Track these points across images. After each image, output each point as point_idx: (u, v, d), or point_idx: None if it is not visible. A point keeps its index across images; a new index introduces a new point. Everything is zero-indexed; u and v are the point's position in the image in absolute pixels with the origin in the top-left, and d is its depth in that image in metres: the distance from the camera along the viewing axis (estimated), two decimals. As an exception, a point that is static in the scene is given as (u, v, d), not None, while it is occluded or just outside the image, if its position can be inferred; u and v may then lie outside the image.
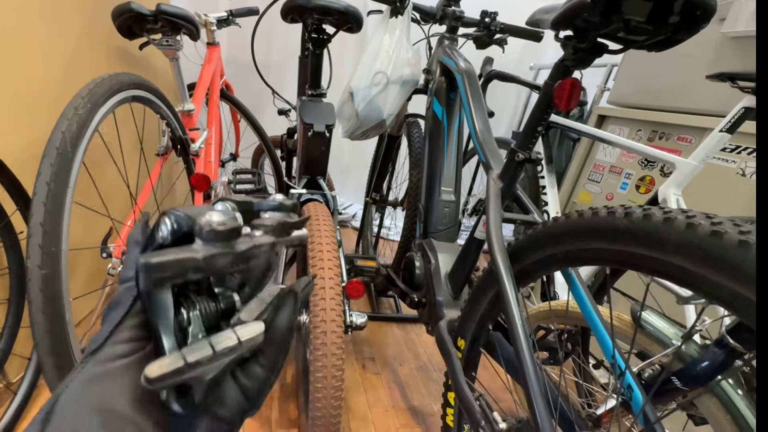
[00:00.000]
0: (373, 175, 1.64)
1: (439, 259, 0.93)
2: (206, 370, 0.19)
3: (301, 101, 1.07)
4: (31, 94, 0.97)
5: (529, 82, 1.39)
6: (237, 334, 0.20)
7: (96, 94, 0.63)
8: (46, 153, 0.54)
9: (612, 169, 1.41)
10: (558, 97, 0.60)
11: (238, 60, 2.02)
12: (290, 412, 1.03)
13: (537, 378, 0.46)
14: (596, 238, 0.47)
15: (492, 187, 0.71)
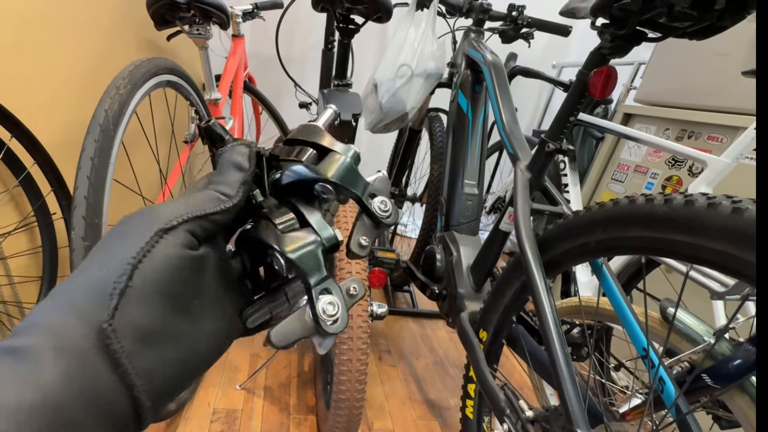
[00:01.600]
0: (392, 170, 1.64)
1: (461, 251, 0.93)
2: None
3: (328, 91, 1.08)
4: (67, 79, 1.00)
5: (553, 79, 1.37)
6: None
7: (135, 76, 0.65)
8: (90, 129, 0.56)
9: (637, 168, 1.38)
10: (593, 86, 0.59)
11: (260, 54, 2.05)
12: (308, 398, 1.05)
13: (567, 364, 0.46)
14: (633, 226, 0.47)
15: (520, 177, 0.71)
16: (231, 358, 1.13)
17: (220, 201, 0.21)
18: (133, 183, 0.86)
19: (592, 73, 0.60)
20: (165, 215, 0.19)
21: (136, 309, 0.16)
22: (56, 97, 0.98)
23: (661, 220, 0.43)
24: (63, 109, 1.00)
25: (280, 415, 0.98)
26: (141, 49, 1.31)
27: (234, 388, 1.03)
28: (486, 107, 1.07)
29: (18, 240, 0.93)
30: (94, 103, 0.58)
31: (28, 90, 0.90)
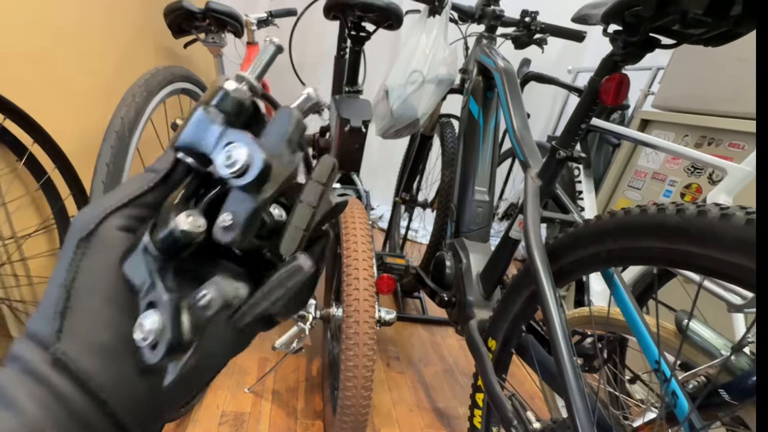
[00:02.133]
0: (403, 175, 1.65)
1: (470, 258, 0.92)
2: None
3: (339, 97, 1.09)
4: (87, 86, 1.03)
5: (568, 84, 1.36)
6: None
7: (151, 84, 0.67)
8: (107, 136, 0.58)
9: (655, 175, 1.35)
10: (605, 92, 0.58)
11: (274, 61, 2.08)
12: (315, 403, 1.05)
13: (576, 375, 0.45)
14: (644, 236, 0.46)
15: (530, 185, 0.70)
16: (240, 361, 1.14)
17: (146, 180, 0.19)
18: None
19: (603, 80, 0.59)
20: (84, 220, 0.18)
21: (83, 327, 0.16)
22: (77, 104, 1.01)
23: (673, 231, 0.42)
24: (83, 115, 1.03)
25: (288, 420, 0.98)
26: (159, 57, 1.35)
27: (243, 391, 1.04)
28: (497, 113, 1.06)
29: (38, 242, 0.96)
30: (113, 110, 0.60)
31: (50, 97, 0.93)
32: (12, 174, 0.88)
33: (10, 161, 0.87)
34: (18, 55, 0.85)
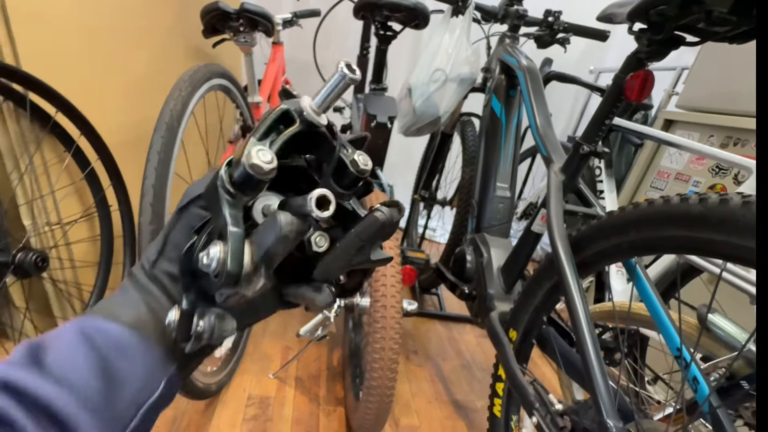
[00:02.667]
0: (423, 173, 1.67)
1: (492, 252, 0.94)
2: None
3: (365, 94, 1.12)
4: (125, 84, 1.10)
5: (590, 84, 1.36)
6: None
7: (195, 79, 0.72)
8: (158, 127, 0.63)
9: (678, 176, 1.34)
10: (629, 89, 0.60)
11: (297, 59, 2.13)
12: (337, 391, 1.08)
13: (597, 355, 0.46)
14: (667, 226, 0.47)
15: (553, 179, 0.72)
16: (264, 348, 1.19)
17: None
18: (187, 176, 0.94)
19: (628, 77, 0.61)
20: (186, 195, 0.26)
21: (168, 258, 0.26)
22: (116, 100, 1.07)
23: (696, 219, 0.43)
24: (121, 110, 1.09)
25: (310, 405, 1.02)
26: (188, 56, 1.41)
27: (267, 377, 1.08)
28: (520, 111, 1.08)
29: (80, 228, 1.02)
30: (148, 106, 0.65)
31: (94, 93, 0.99)
32: (60, 164, 0.94)
33: (58, 152, 0.94)
34: (68, 54, 0.91)
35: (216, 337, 0.23)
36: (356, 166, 0.25)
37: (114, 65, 1.05)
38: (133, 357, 0.22)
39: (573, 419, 0.50)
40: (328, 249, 0.25)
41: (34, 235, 0.91)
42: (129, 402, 0.22)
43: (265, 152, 0.21)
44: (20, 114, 0.84)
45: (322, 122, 0.23)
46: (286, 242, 0.21)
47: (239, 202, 0.22)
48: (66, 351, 0.21)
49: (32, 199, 0.89)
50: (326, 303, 0.26)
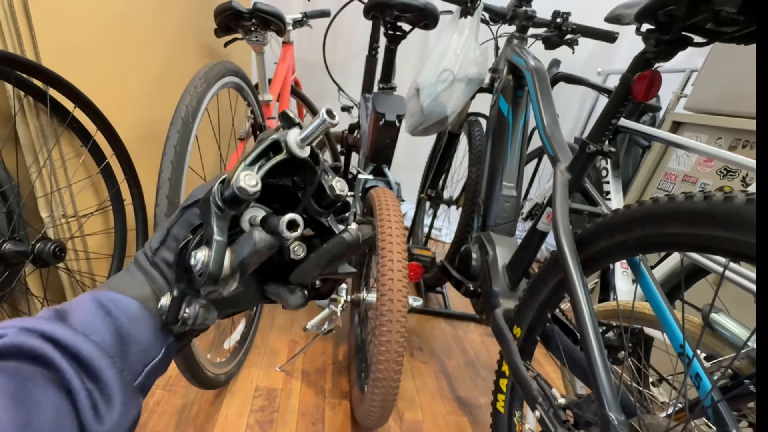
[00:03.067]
0: (429, 173, 1.68)
1: (497, 250, 0.95)
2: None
3: (374, 93, 1.14)
4: (139, 81, 1.12)
5: (598, 85, 1.36)
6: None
7: (210, 76, 0.73)
8: (174, 122, 0.65)
9: (686, 178, 1.34)
10: (636, 89, 0.61)
11: (306, 60, 2.15)
12: (342, 385, 1.10)
13: (600, 349, 0.47)
14: (672, 223, 0.48)
15: (559, 178, 0.72)
16: (271, 341, 1.20)
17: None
18: (200, 170, 0.96)
19: (635, 77, 0.62)
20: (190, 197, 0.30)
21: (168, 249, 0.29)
22: (131, 96, 1.10)
23: (700, 217, 0.44)
24: (136, 107, 1.12)
25: (316, 398, 1.04)
26: (201, 55, 1.43)
27: (274, 370, 1.10)
28: (527, 112, 1.08)
29: (95, 221, 1.05)
30: (162, 103, 0.67)
31: (111, 90, 1.02)
32: (77, 158, 0.97)
33: (76, 146, 0.96)
34: (87, 52, 0.93)
35: (199, 324, 0.27)
36: (333, 191, 0.29)
37: (130, 63, 1.07)
38: (139, 324, 0.26)
39: (575, 413, 0.51)
40: (304, 257, 0.29)
41: (51, 227, 0.93)
42: (138, 359, 0.26)
43: (251, 177, 0.25)
44: (40, 109, 0.86)
45: (302, 155, 0.28)
46: (258, 255, 0.26)
47: (227, 215, 0.26)
48: (86, 314, 0.24)
49: (50, 192, 0.92)
50: (298, 304, 0.30)
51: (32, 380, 0.20)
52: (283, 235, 0.25)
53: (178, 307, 0.27)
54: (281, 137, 0.27)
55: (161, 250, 0.29)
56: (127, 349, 0.25)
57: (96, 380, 0.22)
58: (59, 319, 0.24)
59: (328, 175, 0.29)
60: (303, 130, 0.28)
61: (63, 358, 0.21)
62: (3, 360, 0.20)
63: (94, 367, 0.22)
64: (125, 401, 0.23)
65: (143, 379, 0.26)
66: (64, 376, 0.21)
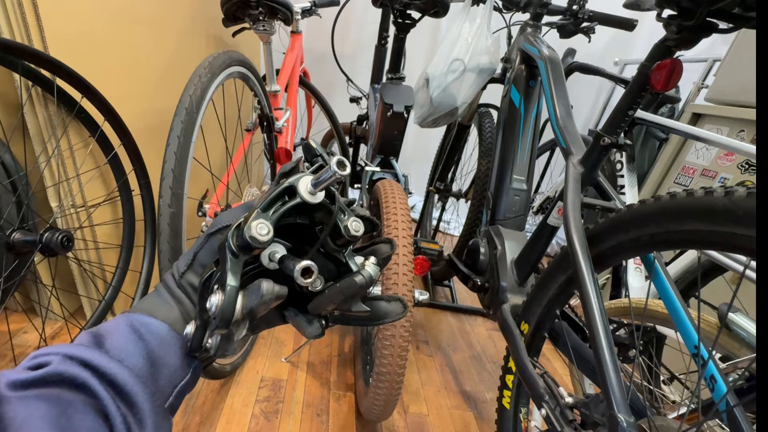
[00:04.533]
0: (438, 165, 1.66)
1: (506, 245, 0.93)
2: None
3: (382, 83, 1.12)
4: (147, 71, 1.12)
5: (614, 75, 1.32)
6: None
7: (214, 66, 0.72)
8: (178, 112, 0.64)
9: (704, 172, 1.29)
10: (655, 79, 0.58)
11: (314, 50, 2.13)
12: (347, 377, 1.10)
13: (610, 349, 0.46)
14: (689, 219, 0.46)
15: (571, 171, 0.70)
16: (277, 333, 1.21)
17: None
18: (205, 161, 0.96)
19: (655, 66, 0.59)
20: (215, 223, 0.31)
21: (194, 273, 0.30)
22: (139, 87, 1.10)
23: (720, 213, 0.42)
24: (144, 97, 1.12)
25: (321, 389, 1.04)
26: (209, 45, 1.42)
27: (280, 361, 1.11)
28: (539, 103, 1.05)
29: (103, 211, 1.06)
30: (170, 93, 0.66)
31: (118, 81, 1.02)
32: (85, 149, 0.97)
33: (83, 136, 0.96)
34: (94, 41, 0.93)
35: (219, 354, 0.28)
36: (348, 232, 0.30)
37: (137, 53, 1.07)
38: (169, 347, 0.28)
39: (583, 412, 0.50)
40: (322, 289, 0.30)
41: (60, 216, 0.94)
42: (167, 382, 0.27)
43: (263, 226, 0.26)
44: (48, 99, 0.86)
45: (314, 201, 0.29)
46: (266, 304, 0.27)
47: (240, 260, 0.27)
48: (120, 339, 0.26)
49: (59, 182, 0.93)
50: (315, 335, 0.31)
51: (73, 406, 0.22)
52: (297, 282, 0.27)
53: (201, 336, 0.28)
54: (295, 182, 0.29)
55: (188, 274, 0.30)
56: (158, 373, 0.27)
57: (130, 405, 0.24)
58: (97, 344, 0.26)
59: (344, 214, 0.31)
60: (317, 178, 0.29)
61: (101, 385, 0.23)
62: (47, 387, 0.22)
63: (128, 393, 0.24)
64: (156, 424, 0.25)
65: (173, 401, 0.28)
66: (101, 402, 0.23)
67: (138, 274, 1.13)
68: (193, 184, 0.70)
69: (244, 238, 0.26)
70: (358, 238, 0.31)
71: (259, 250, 0.27)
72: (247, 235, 0.26)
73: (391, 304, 0.33)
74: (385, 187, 0.89)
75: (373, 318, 0.33)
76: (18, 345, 0.99)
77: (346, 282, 0.29)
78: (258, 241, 0.26)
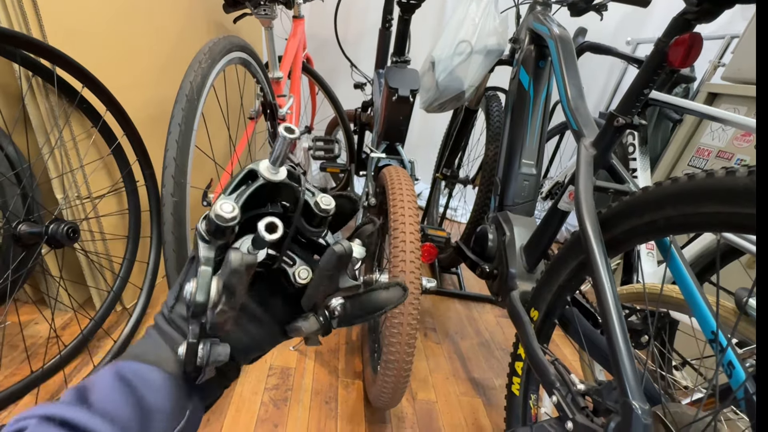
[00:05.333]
0: (445, 151, 1.63)
1: (515, 231, 0.92)
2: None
3: (387, 67, 1.09)
4: (149, 61, 1.10)
5: (627, 54, 1.27)
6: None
7: (215, 51, 0.71)
8: (178, 99, 0.63)
9: (720, 154, 1.25)
10: (674, 54, 0.55)
11: (317, 36, 2.10)
12: (355, 365, 1.10)
13: (624, 335, 0.44)
14: (708, 201, 0.44)
15: (583, 154, 0.68)
16: (286, 322, 1.21)
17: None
18: (209, 150, 0.95)
19: (672, 41, 0.56)
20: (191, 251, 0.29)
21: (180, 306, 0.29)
22: (140, 77, 1.08)
23: (742, 194, 0.40)
24: (146, 87, 1.11)
25: (330, 377, 1.04)
26: (210, 33, 1.40)
27: (288, 349, 1.11)
28: (549, 84, 1.02)
29: (109, 202, 1.06)
30: (172, 82, 0.64)
31: (120, 70, 1.00)
32: (88, 139, 0.97)
33: (86, 127, 0.96)
34: (93, 31, 0.92)
35: (211, 361, 0.27)
36: (319, 207, 0.29)
37: (138, 42, 1.05)
38: (161, 391, 0.26)
39: (595, 399, 0.49)
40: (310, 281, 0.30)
41: (65, 208, 0.94)
42: (162, 428, 0.26)
43: (226, 204, 0.25)
44: (49, 89, 0.85)
45: (277, 179, 0.28)
46: (238, 275, 0.25)
47: (213, 245, 0.27)
48: (106, 390, 0.25)
49: (63, 173, 0.92)
50: (311, 330, 0.30)
51: None
52: (266, 239, 0.26)
53: (194, 352, 0.27)
54: (254, 165, 0.29)
55: (177, 306, 0.29)
56: (149, 422, 0.25)
57: None
58: (80, 400, 0.24)
59: (312, 193, 0.30)
60: (271, 154, 0.28)
61: None
62: None
63: None
64: None
65: None
66: None
67: (145, 265, 1.13)
68: (198, 173, 0.69)
69: (210, 219, 0.25)
70: (330, 213, 0.30)
71: (230, 230, 0.26)
72: (212, 215, 0.25)
73: (390, 290, 0.32)
74: (391, 173, 0.87)
75: (373, 308, 0.32)
76: (30, 336, 1.00)
77: (324, 256, 0.28)
78: (223, 219, 0.25)
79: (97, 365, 0.93)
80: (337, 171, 1.75)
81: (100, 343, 1.02)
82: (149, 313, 1.13)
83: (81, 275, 1.05)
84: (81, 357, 0.97)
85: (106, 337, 1.03)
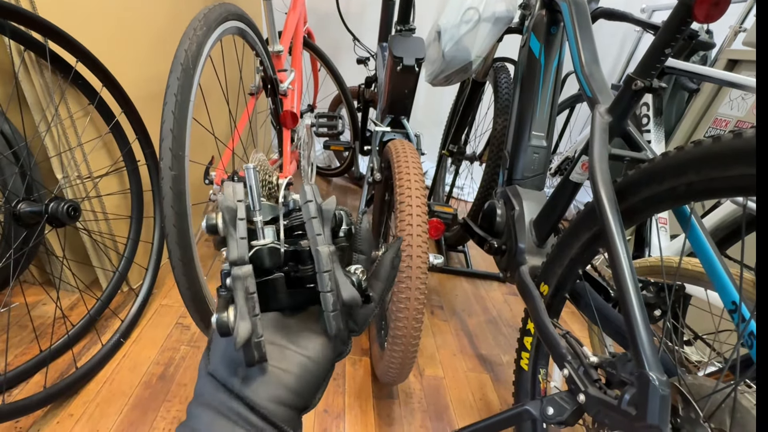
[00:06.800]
0: (451, 126, 1.59)
1: (524, 205, 0.89)
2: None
3: (392, 36, 1.04)
4: (145, 36, 1.07)
5: (644, 20, 1.20)
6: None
7: (210, 19, 0.67)
8: (173, 68, 0.60)
9: (739, 124, 1.21)
10: (699, 7, 0.51)
11: (318, 10, 2.03)
12: (362, 342, 1.10)
13: (640, 304, 0.43)
14: (736, 164, 0.41)
15: (598, 121, 0.64)
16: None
17: None
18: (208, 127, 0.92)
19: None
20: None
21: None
22: (137, 52, 1.05)
23: (776, 154, 0.37)
24: (143, 63, 1.07)
25: (337, 354, 1.04)
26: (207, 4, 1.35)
27: (295, 327, 1.11)
28: (561, 51, 0.97)
29: (110, 182, 1.04)
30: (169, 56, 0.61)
31: (115, 45, 0.97)
32: (85, 117, 0.95)
33: (83, 104, 0.94)
34: (88, 5, 0.88)
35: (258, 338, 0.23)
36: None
37: (133, 16, 1.01)
38: None
39: (609, 372, 0.48)
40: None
41: (66, 187, 0.93)
42: None
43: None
44: (42, 65, 0.83)
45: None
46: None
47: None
48: None
49: (61, 152, 0.91)
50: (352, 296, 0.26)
51: None
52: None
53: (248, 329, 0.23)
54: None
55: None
56: None
57: None
58: None
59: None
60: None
61: None
62: None
63: None
64: None
65: None
66: None
67: (150, 245, 1.13)
68: (200, 150, 0.67)
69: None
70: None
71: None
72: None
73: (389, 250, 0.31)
74: (397, 147, 0.84)
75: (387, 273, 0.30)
76: (37, 316, 1.01)
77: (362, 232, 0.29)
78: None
79: (105, 343, 0.93)
80: (341, 149, 1.72)
81: (108, 323, 1.02)
82: (155, 293, 1.13)
83: (86, 256, 1.05)
84: (89, 336, 0.97)
85: (113, 317, 1.04)
